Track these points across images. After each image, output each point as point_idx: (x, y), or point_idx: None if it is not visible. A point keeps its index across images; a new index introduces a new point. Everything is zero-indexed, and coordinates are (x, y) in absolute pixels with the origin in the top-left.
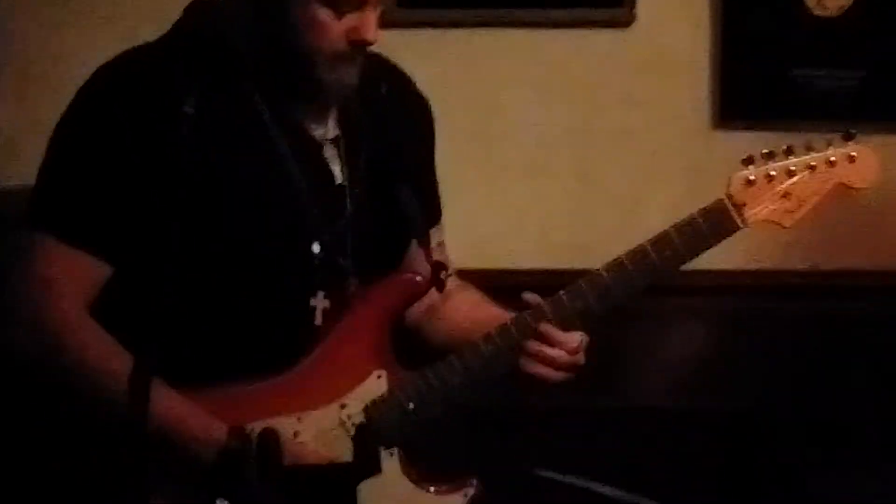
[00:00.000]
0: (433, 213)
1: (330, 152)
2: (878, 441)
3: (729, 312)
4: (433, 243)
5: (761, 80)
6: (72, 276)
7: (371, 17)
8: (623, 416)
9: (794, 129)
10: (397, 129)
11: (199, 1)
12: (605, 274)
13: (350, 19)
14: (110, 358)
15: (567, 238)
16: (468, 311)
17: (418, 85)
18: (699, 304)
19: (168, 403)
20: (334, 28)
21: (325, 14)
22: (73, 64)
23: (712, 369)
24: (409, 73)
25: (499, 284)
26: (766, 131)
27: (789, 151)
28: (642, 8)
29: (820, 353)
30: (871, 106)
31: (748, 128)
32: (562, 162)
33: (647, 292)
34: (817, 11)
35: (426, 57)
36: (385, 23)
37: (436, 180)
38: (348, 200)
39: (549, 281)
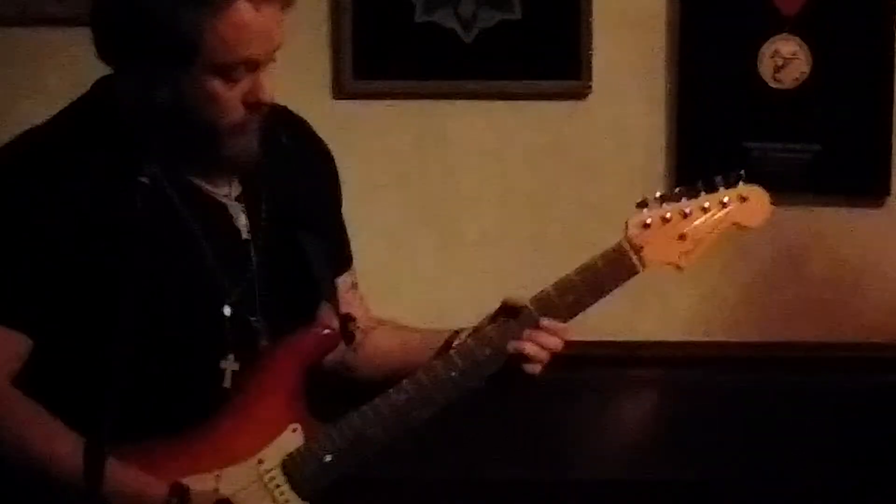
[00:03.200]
0: (342, 260)
1: (235, 210)
2: None
3: (680, 383)
4: (344, 290)
5: (717, 153)
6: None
7: (264, 77)
8: (574, 489)
9: None
10: (299, 177)
11: (104, 77)
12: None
13: (243, 84)
14: (52, 440)
15: None
16: (392, 340)
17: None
18: (650, 375)
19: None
20: (229, 97)
21: (217, 85)
22: None
23: (663, 440)
24: (310, 125)
25: None
26: None
27: (682, 194)
28: (598, 80)
29: (770, 424)
30: (826, 179)
31: None
32: (518, 231)
33: (598, 363)
34: (773, 85)
35: (383, 128)
36: (342, 94)
37: (343, 226)
38: (253, 254)
39: None
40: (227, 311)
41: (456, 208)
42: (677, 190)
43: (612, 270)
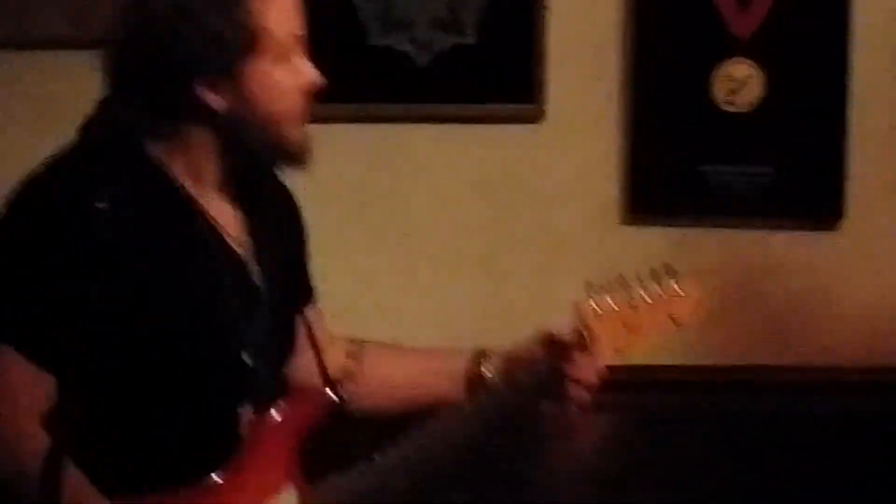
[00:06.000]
0: (311, 291)
1: (248, 257)
2: None
3: (638, 407)
4: (316, 320)
5: (670, 176)
6: (29, 391)
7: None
8: None
9: (704, 225)
10: (282, 222)
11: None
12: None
13: (296, 71)
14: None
15: (476, 329)
16: (392, 367)
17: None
18: (608, 399)
19: None
20: (289, 85)
21: (278, 73)
22: None
23: (621, 464)
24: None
25: None
26: (675, 227)
27: (624, 284)
28: (552, 104)
29: (728, 448)
30: (780, 202)
31: (657, 223)
32: (472, 254)
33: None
34: (727, 108)
35: (340, 151)
36: None
37: (309, 258)
38: (267, 306)
39: None
40: (246, 358)
41: (411, 232)
42: (619, 280)
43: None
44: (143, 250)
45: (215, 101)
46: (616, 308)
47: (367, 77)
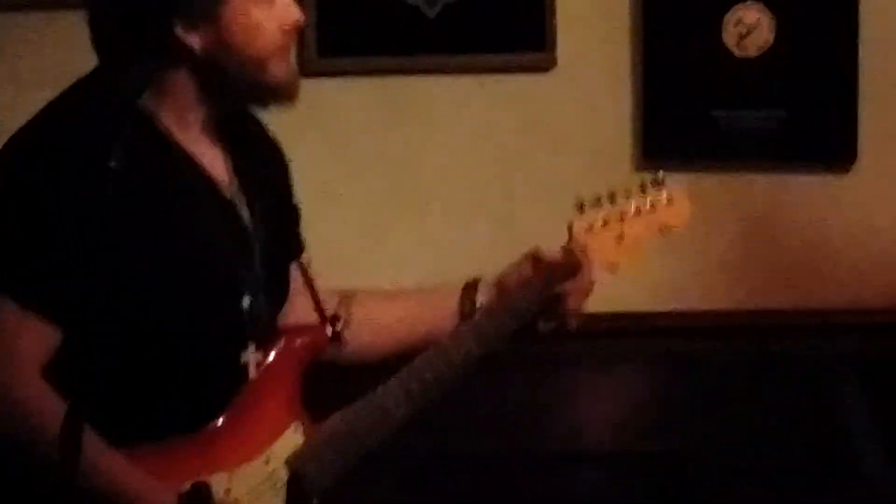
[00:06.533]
0: (300, 243)
1: (240, 202)
2: (807, 483)
3: (656, 354)
4: (307, 270)
5: (683, 120)
6: (32, 343)
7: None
8: (552, 461)
9: (717, 169)
10: (269, 165)
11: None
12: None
13: (276, 8)
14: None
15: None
16: (386, 312)
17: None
18: (625, 346)
19: (114, 467)
20: (269, 23)
21: (256, 12)
22: None
23: (641, 411)
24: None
25: None
26: (688, 171)
27: (612, 198)
28: (563, 52)
29: (749, 393)
30: (792, 145)
31: (671, 168)
32: (486, 205)
33: (576, 337)
34: (738, 52)
35: (349, 105)
36: (307, 72)
37: (298, 211)
38: (256, 246)
39: None
40: (245, 302)
41: (423, 184)
42: (608, 194)
43: (561, 271)
44: (143, 204)
45: (195, 41)
46: (605, 221)
47: (377, 30)
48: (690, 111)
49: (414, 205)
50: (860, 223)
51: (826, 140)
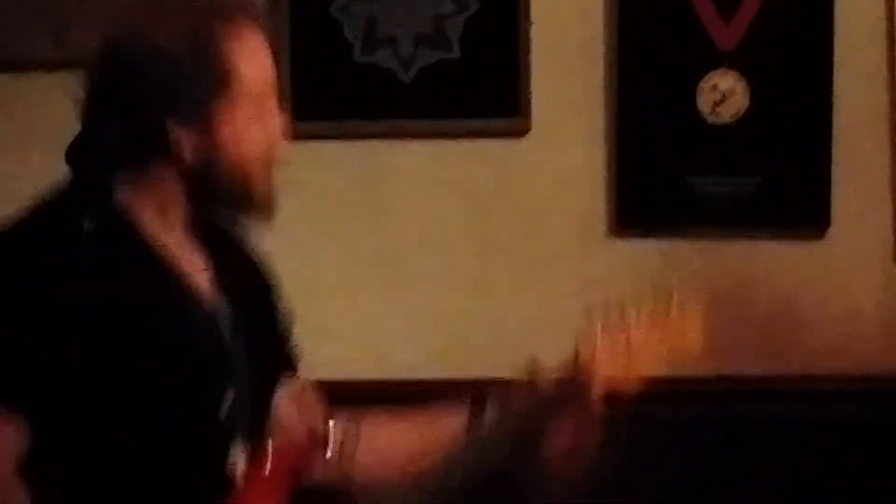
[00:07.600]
0: (292, 361)
1: (222, 320)
2: None
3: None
4: (298, 391)
5: (657, 187)
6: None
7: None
8: None
9: (691, 236)
10: (251, 281)
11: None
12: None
13: (264, 118)
14: None
15: (467, 347)
16: (396, 433)
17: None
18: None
19: None
20: (257, 131)
21: (248, 120)
22: None
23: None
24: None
25: (399, 395)
26: (662, 239)
27: (624, 310)
28: (537, 117)
29: (723, 458)
30: (766, 212)
31: (644, 235)
32: (460, 271)
33: None
34: (712, 120)
35: (323, 169)
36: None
37: (289, 328)
38: (240, 364)
39: (452, 390)
40: (230, 395)
41: (397, 248)
42: (619, 307)
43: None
44: (114, 301)
45: (186, 141)
46: (615, 332)
47: (353, 94)
48: (665, 177)
49: (387, 269)
50: (834, 290)
51: (800, 207)
